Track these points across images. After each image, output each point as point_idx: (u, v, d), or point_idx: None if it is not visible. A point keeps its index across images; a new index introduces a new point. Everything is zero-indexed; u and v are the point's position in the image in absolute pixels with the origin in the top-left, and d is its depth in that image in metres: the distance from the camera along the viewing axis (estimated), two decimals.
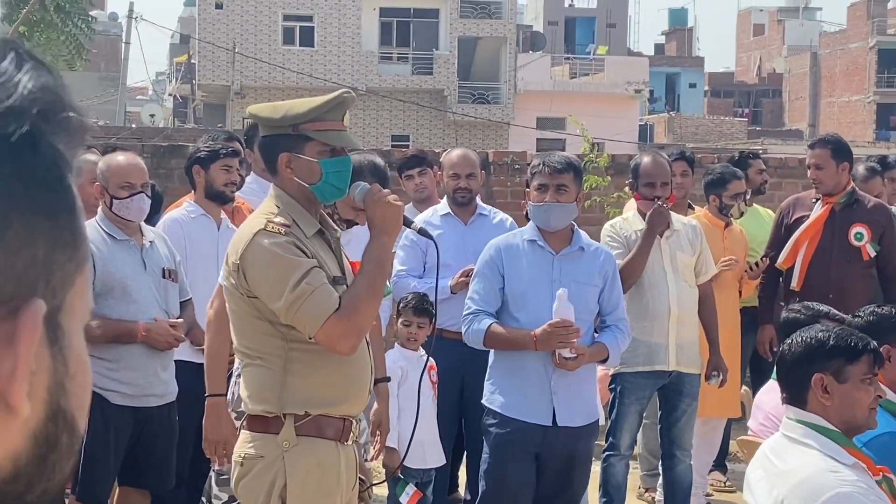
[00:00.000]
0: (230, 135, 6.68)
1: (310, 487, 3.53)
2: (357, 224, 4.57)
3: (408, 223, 3.70)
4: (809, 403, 3.42)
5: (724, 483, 7.55)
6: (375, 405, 4.78)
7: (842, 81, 60.28)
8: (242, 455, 3.59)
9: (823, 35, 64.79)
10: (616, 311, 5.17)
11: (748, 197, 7.23)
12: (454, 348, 5.91)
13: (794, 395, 3.46)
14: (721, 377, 6.23)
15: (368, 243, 3.55)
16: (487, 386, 5.13)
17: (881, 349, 3.53)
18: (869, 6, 59.39)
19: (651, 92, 51.44)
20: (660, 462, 6.46)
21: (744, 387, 7.83)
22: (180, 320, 5.26)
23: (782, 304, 6.60)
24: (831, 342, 3.42)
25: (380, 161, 4.73)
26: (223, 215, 5.88)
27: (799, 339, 3.48)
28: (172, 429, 5.29)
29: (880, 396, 3.45)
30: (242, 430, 3.64)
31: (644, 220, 5.99)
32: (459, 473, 6.67)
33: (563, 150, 27.19)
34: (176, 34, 52.16)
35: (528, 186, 5.12)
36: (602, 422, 5.44)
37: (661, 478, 6.55)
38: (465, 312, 5.11)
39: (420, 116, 41.25)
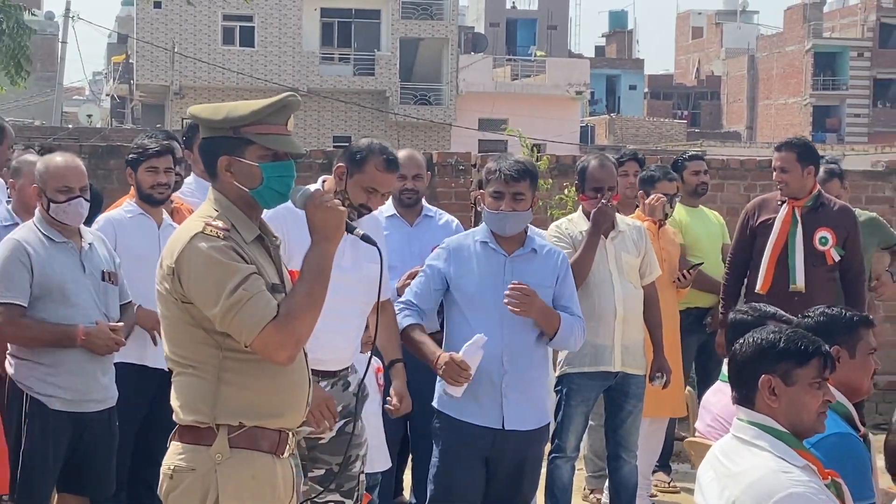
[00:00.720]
0: (168, 134, 6.54)
1: (244, 502, 3.39)
2: (370, 209, 4.48)
3: (350, 229, 3.57)
4: (757, 405, 3.41)
5: (669, 483, 7.56)
6: (395, 382, 4.78)
7: (779, 84, 60.97)
8: (172, 467, 3.42)
9: (760, 38, 65.51)
10: (571, 307, 5.12)
11: (677, 200, 7.23)
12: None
13: (744, 396, 3.45)
14: (665, 378, 6.24)
15: (309, 250, 3.40)
16: (438, 388, 5.08)
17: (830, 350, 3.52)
18: (805, 10, 60.15)
19: (592, 93, 51.72)
20: (605, 463, 6.46)
21: (688, 388, 7.85)
22: (120, 324, 5.16)
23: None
24: (781, 344, 3.40)
25: (388, 145, 4.64)
26: (165, 214, 5.78)
27: (750, 340, 3.46)
28: (112, 434, 5.20)
29: (829, 401, 3.43)
30: (172, 442, 3.49)
31: (589, 220, 5.99)
32: (404, 477, 6.61)
33: (506, 150, 27.26)
34: (113, 34, 51.61)
35: (480, 187, 5.08)
36: None
37: (606, 479, 6.54)
38: (398, 300, 5.10)
39: (362, 117, 41.14)
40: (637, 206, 7.05)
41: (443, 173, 9.27)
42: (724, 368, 4.49)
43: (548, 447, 5.76)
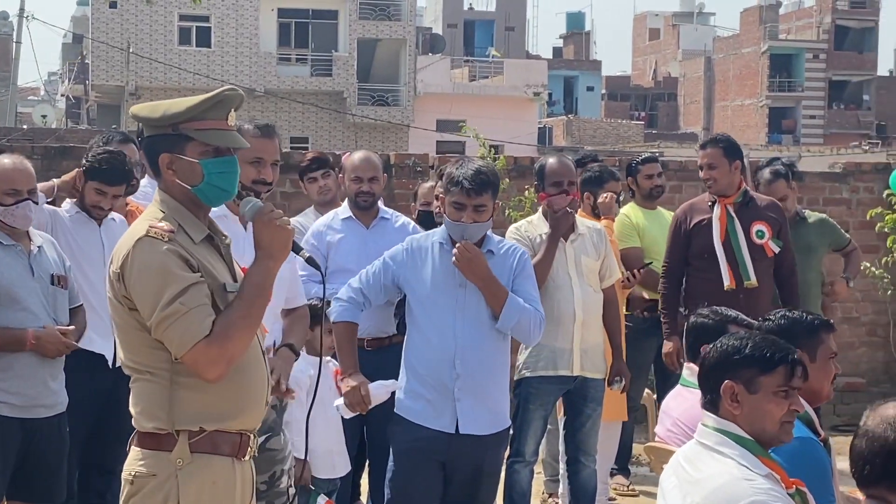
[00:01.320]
0: (124, 136, 6.44)
1: None
2: (267, 182, 4.37)
3: (297, 249, 3.51)
4: (721, 410, 3.37)
5: (628, 487, 7.53)
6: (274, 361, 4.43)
7: (735, 85, 61.36)
8: (133, 473, 3.38)
9: (717, 40, 65.91)
10: (532, 304, 4.98)
11: (622, 199, 7.18)
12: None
13: (709, 402, 3.42)
14: (623, 382, 6.20)
15: (251, 266, 3.35)
16: (398, 392, 5.01)
17: None
18: (761, 12, 60.59)
19: (549, 95, 51.80)
20: (563, 467, 6.42)
21: (647, 390, 7.83)
22: (71, 327, 5.06)
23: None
24: (746, 351, 3.36)
25: (262, 123, 4.53)
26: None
27: (719, 345, 3.44)
28: (63, 440, 5.10)
29: (797, 410, 3.37)
30: (132, 447, 3.44)
31: (548, 220, 5.95)
32: (361, 481, 6.54)
33: (464, 152, 27.25)
34: (69, 34, 51.19)
35: (437, 182, 5.01)
36: None
37: (561, 484, 6.50)
38: (348, 283, 5.08)
39: (319, 118, 40.99)
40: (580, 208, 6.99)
41: (400, 174, 9.22)
42: (684, 372, 4.46)
43: (506, 452, 5.71)
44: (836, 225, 7.81)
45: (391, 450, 5.02)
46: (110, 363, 5.44)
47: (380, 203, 6.15)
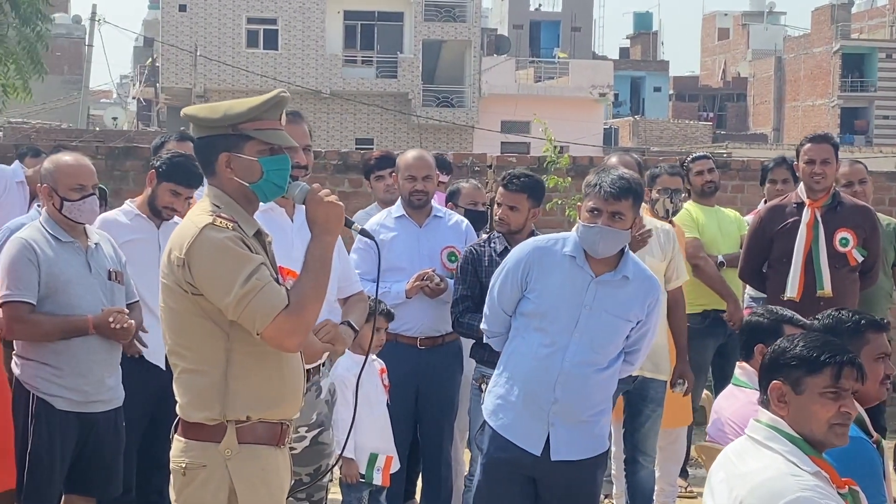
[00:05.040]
0: (181, 134, 6.50)
1: (259, 494, 3.48)
2: (301, 166, 4.34)
3: (349, 224, 3.65)
4: (771, 409, 3.35)
5: (686, 488, 7.47)
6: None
7: (806, 86, 60.60)
8: (183, 465, 3.49)
9: (788, 39, 65.13)
10: (639, 342, 4.70)
11: (681, 195, 6.95)
12: (409, 354, 5.82)
13: (764, 401, 3.42)
14: (686, 385, 6.15)
15: (310, 243, 3.49)
16: (490, 396, 4.73)
17: None
18: (833, 11, 59.77)
19: (616, 96, 51.55)
20: (615, 467, 6.38)
21: (706, 391, 7.76)
22: (125, 310, 5.11)
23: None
24: (795, 351, 3.33)
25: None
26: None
27: (774, 345, 3.43)
28: (119, 434, 5.17)
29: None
30: (176, 438, 3.55)
31: None
32: (417, 479, 6.55)
33: (528, 153, 27.14)
34: (140, 37, 51.82)
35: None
36: None
37: (616, 485, 6.46)
38: (486, 320, 4.80)
39: (384, 119, 41.11)
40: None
41: (458, 174, 9.21)
42: (736, 371, 4.41)
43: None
44: None
45: (478, 459, 4.82)
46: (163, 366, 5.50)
47: (433, 201, 6.16)
